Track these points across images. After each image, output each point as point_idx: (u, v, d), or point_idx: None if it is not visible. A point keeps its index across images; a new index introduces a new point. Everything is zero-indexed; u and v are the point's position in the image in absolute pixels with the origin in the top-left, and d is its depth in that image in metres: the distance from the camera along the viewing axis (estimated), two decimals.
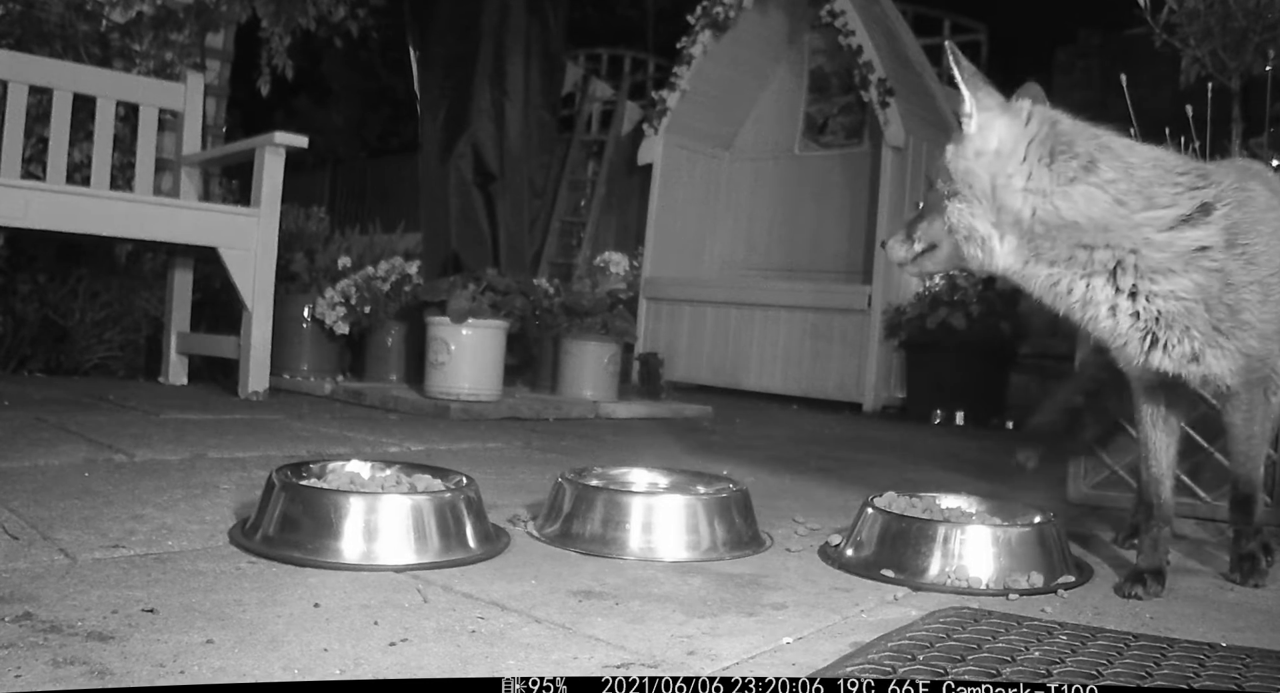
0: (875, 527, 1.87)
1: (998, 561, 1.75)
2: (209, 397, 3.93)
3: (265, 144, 3.83)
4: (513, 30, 5.23)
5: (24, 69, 3.84)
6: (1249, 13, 3.38)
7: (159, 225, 3.70)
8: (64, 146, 3.94)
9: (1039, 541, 1.80)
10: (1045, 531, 1.82)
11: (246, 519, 1.82)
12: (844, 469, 3.12)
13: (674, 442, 3.66)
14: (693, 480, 2.11)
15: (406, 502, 1.73)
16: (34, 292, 4.27)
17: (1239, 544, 1.84)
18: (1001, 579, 1.73)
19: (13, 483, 2.08)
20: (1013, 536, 1.78)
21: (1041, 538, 1.80)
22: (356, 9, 5.38)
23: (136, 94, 4.19)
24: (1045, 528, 1.83)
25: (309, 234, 4.90)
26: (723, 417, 4.63)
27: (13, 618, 1.29)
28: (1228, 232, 1.57)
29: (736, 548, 1.90)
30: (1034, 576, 1.75)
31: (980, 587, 1.72)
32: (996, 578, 1.74)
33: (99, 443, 2.62)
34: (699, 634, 1.42)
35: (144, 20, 4.69)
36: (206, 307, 4.49)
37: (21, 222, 3.39)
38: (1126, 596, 1.70)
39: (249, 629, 1.32)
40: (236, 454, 2.64)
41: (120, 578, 1.51)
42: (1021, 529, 1.80)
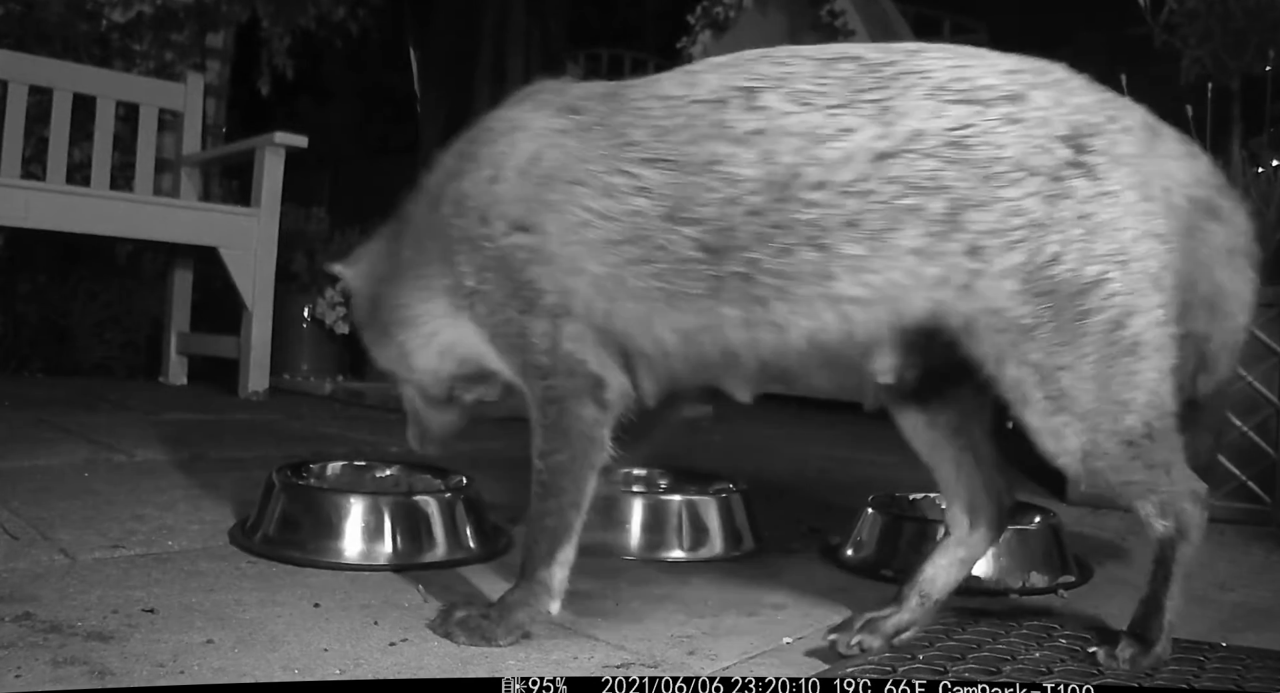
0: (875, 527, 1.88)
1: (998, 560, 1.75)
2: (209, 397, 3.92)
3: (265, 144, 3.82)
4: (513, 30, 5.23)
5: (24, 69, 3.83)
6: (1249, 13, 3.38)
7: (159, 225, 3.70)
8: (64, 146, 3.94)
9: (1039, 540, 1.80)
10: (1045, 530, 1.82)
11: (246, 519, 1.82)
12: (844, 469, 3.12)
13: (674, 441, 3.66)
14: (693, 480, 2.11)
15: (406, 502, 1.73)
16: (34, 292, 4.27)
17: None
18: (1002, 579, 1.73)
19: (13, 483, 2.08)
20: (1013, 536, 1.77)
21: (1042, 538, 1.80)
22: (356, 9, 5.37)
23: (136, 94, 4.19)
24: (1045, 528, 1.83)
25: (309, 234, 4.90)
26: (723, 417, 4.62)
27: (13, 618, 1.29)
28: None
29: (736, 548, 1.90)
30: (1034, 575, 1.75)
31: (980, 587, 1.72)
32: (997, 578, 1.74)
33: (99, 443, 2.62)
34: (699, 634, 1.42)
35: (144, 20, 4.68)
36: (206, 307, 4.49)
37: (21, 222, 3.39)
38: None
39: (249, 629, 1.32)
40: (236, 454, 2.63)
41: (120, 578, 1.51)
42: (1022, 529, 1.80)
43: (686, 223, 1.22)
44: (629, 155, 1.25)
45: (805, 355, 1.26)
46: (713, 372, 1.33)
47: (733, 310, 1.23)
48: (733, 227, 1.20)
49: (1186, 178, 1.29)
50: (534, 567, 1.36)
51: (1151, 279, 1.21)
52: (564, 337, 1.30)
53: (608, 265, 1.26)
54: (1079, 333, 1.19)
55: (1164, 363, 1.23)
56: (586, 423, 1.32)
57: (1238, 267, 1.36)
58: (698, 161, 1.22)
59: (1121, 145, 1.23)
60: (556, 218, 1.28)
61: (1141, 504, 1.27)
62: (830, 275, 1.20)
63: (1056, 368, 1.20)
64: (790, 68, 1.23)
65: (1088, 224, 1.19)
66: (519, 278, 1.30)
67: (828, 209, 1.19)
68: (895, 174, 1.18)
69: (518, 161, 1.31)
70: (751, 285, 1.22)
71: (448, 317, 1.41)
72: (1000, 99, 1.20)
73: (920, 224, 1.18)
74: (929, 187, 1.18)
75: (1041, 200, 1.18)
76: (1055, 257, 1.18)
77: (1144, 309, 1.21)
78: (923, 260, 1.19)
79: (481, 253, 1.33)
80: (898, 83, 1.21)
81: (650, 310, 1.26)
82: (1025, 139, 1.19)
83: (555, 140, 1.31)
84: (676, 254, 1.23)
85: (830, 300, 1.21)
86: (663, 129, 1.25)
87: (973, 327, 1.21)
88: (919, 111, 1.19)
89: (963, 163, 1.18)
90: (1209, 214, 1.32)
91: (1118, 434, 1.22)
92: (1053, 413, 1.22)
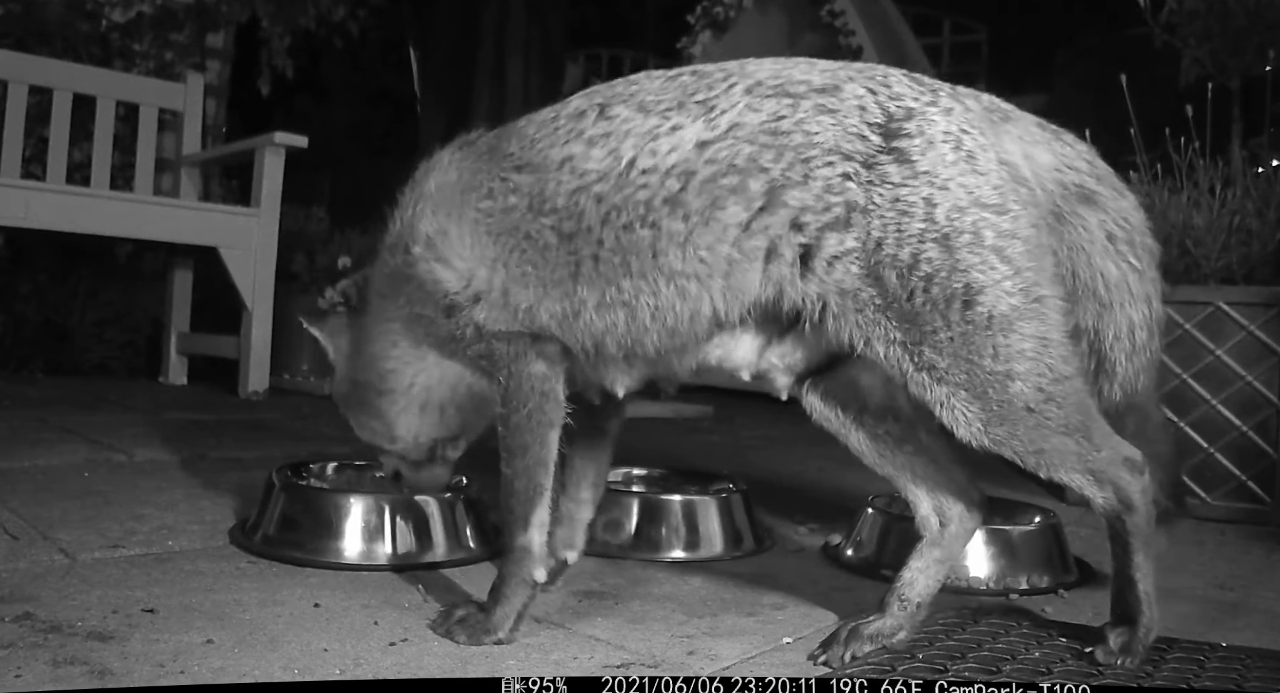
0: (875, 527, 1.88)
1: (998, 561, 1.75)
2: (209, 397, 3.92)
3: (265, 144, 3.83)
4: (513, 30, 5.23)
5: (24, 69, 3.84)
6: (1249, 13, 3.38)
7: (159, 225, 3.70)
8: (64, 146, 3.94)
9: (1039, 540, 1.80)
10: (1045, 531, 1.82)
11: (246, 519, 1.82)
12: (844, 469, 3.12)
13: (674, 441, 3.66)
14: (693, 480, 2.11)
15: (406, 502, 1.73)
16: (34, 292, 4.27)
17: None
18: (1001, 579, 1.73)
19: (13, 483, 2.08)
20: (1013, 536, 1.78)
21: (1042, 538, 1.80)
22: (356, 9, 5.37)
23: (136, 94, 4.19)
24: (1045, 528, 1.83)
25: (309, 234, 4.89)
26: (723, 417, 4.62)
27: (13, 618, 1.29)
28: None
29: (736, 548, 1.90)
30: (1034, 576, 1.75)
31: (980, 587, 1.72)
32: (997, 578, 1.74)
33: (99, 443, 2.62)
34: (699, 634, 1.42)
35: (144, 20, 4.68)
36: (206, 307, 4.48)
37: (21, 222, 3.39)
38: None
39: (249, 629, 1.32)
40: (236, 454, 2.63)
41: (120, 578, 1.51)
42: (1022, 529, 1.80)
43: (546, 213, 1.36)
44: (505, 164, 1.41)
45: (660, 337, 1.34)
46: (589, 361, 1.41)
47: (590, 293, 1.34)
48: (581, 211, 1.34)
49: (1048, 161, 1.32)
50: (512, 534, 1.40)
51: (991, 250, 1.24)
52: (485, 319, 1.40)
53: (495, 254, 1.39)
54: (916, 310, 1.24)
55: (1038, 330, 1.25)
56: (537, 378, 1.40)
57: (1120, 254, 1.36)
58: (555, 161, 1.37)
59: (937, 125, 1.27)
60: (456, 220, 1.42)
61: (1071, 476, 1.28)
62: (661, 251, 1.30)
63: (915, 343, 1.25)
64: (639, 85, 1.39)
65: (900, 206, 1.24)
66: (434, 287, 1.42)
67: (656, 189, 1.30)
68: (715, 157, 1.29)
69: (428, 191, 1.47)
70: (601, 264, 1.33)
71: (416, 358, 1.51)
72: (813, 91, 1.30)
73: (741, 201, 1.27)
74: (748, 168, 1.28)
75: (860, 186, 1.25)
76: (879, 241, 1.25)
77: (990, 283, 1.23)
78: (747, 234, 1.28)
79: (409, 279, 1.45)
80: (723, 85, 1.33)
81: (532, 295, 1.37)
82: (837, 127, 1.27)
83: (456, 165, 1.47)
84: (540, 241, 1.36)
85: (665, 275, 1.31)
86: (532, 140, 1.41)
87: (831, 309, 1.28)
88: (737, 107, 1.30)
89: (778, 148, 1.27)
90: (1082, 200, 1.34)
91: (1010, 401, 1.25)
92: (933, 384, 1.26)
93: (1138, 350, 1.39)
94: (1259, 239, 2.60)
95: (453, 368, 1.49)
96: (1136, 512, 1.29)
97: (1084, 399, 1.29)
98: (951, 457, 1.46)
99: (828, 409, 1.47)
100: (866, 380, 1.44)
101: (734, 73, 1.35)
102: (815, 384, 1.46)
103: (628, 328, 1.34)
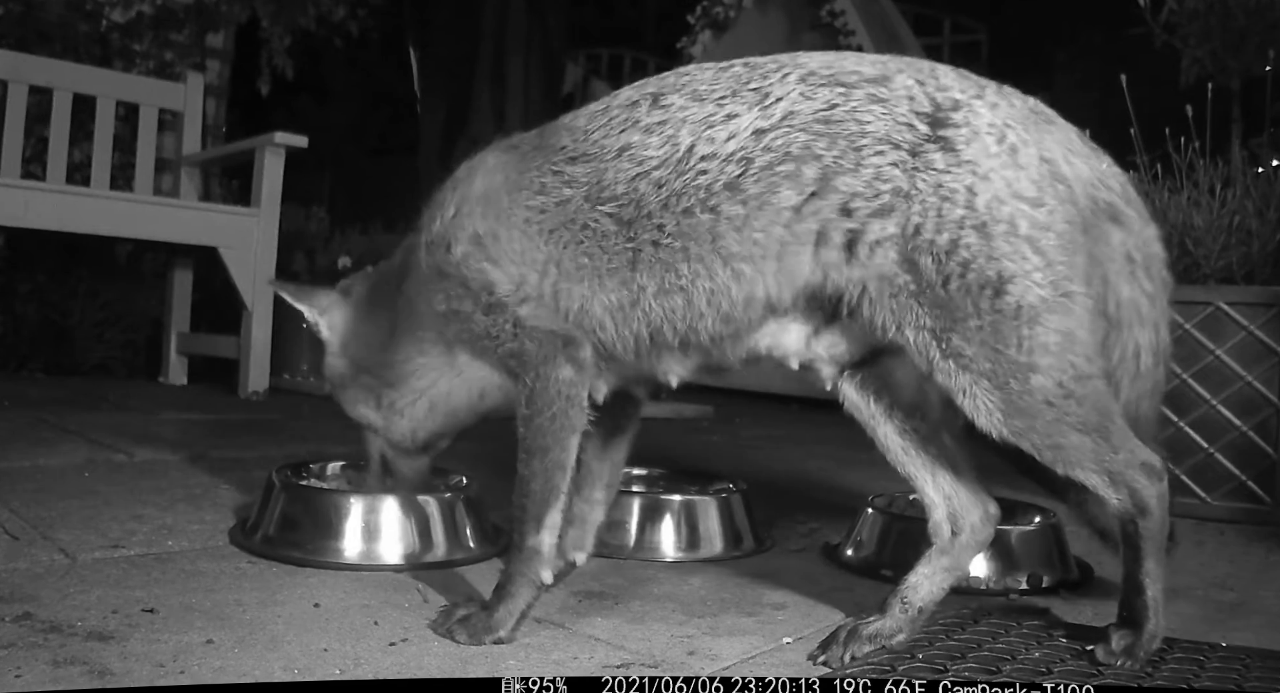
0: (875, 527, 1.88)
1: (998, 560, 1.75)
2: (209, 397, 3.93)
3: (265, 144, 3.83)
4: (513, 30, 5.23)
5: (24, 69, 3.84)
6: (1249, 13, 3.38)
7: (159, 225, 3.70)
8: (64, 146, 3.94)
9: (1039, 540, 1.80)
10: (1046, 531, 1.82)
11: (246, 519, 1.82)
12: (844, 469, 3.12)
13: (674, 441, 3.66)
14: (693, 480, 2.11)
15: (406, 502, 1.73)
16: (34, 292, 4.27)
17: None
18: (1002, 579, 1.73)
19: (13, 483, 2.08)
20: (1013, 535, 1.78)
21: (1042, 538, 1.80)
22: (356, 9, 5.37)
23: (136, 94, 4.19)
24: (1046, 528, 1.83)
25: (309, 234, 4.90)
26: (723, 417, 4.62)
27: (13, 618, 1.29)
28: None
29: (736, 548, 1.90)
30: (1034, 575, 1.74)
31: (981, 587, 1.72)
32: (997, 578, 1.74)
33: (99, 443, 2.62)
34: (699, 634, 1.42)
35: (144, 20, 4.68)
36: (206, 307, 4.49)
37: (21, 222, 3.39)
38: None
39: (249, 629, 1.32)
40: (236, 454, 2.63)
41: (120, 578, 1.51)
42: (1022, 529, 1.80)
43: (605, 201, 1.37)
44: (558, 158, 1.42)
45: (715, 322, 1.35)
46: (644, 351, 1.41)
47: (650, 279, 1.35)
48: (641, 197, 1.35)
49: (1086, 174, 1.32)
50: (523, 535, 1.40)
51: (1025, 241, 1.25)
52: (525, 316, 1.41)
53: (548, 255, 1.40)
54: (949, 296, 1.26)
55: (1064, 324, 1.26)
56: (564, 383, 1.40)
57: (1135, 277, 1.37)
58: (612, 150, 1.38)
59: (983, 116, 1.29)
60: (505, 222, 1.42)
61: (1088, 474, 1.29)
62: (720, 235, 1.32)
63: (944, 330, 1.26)
64: (691, 76, 1.41)
65: (942, 192, 1.26)
66: (477, 284, 1.42)
67: (716, 174, 1.32)
68: (771, 145, 1.31)
69: (475, 192, 1.46)
70: (660, 250, 1.34)
71: (445, 364, 1.51)
72: (865, 81, 1.32)
73: (795, 186, 1.30)
74: (803, 155, 1.30)
75: (904, 173, 1.27)
76: (918, 227, 1.26)
77: (1020, 273, 1.25)
78: (798, 217, 1.30)
79: (448, 276, 1.45)
80: (776, 75, 1.35)
81: (587, 289, 1.38)
82: (887, 116, 1.29)
83: (501, 166, 1.47)
84: (599, 230, 1.37)
85: (722, 259, 1.32)
86: (585, 132, 1.42)
87: (869, 294, 1.30)
88: (791, 95, 1.33)
89: (831, 136, 1.30)
90: (1110, 217, 1.34)
91: (1030, 393, 1.25)
92: (958, 372, 1.27)
93: (1142, 374, 1.39)
94: (1259, 239, 2.60)
95: (478, 372, 1.50)
96: (1151, 517, 1.29)
97: (1105, 400, 1.29)
98: (971, 466, 1.47)
99: (860, 398, 1.49)
100: (901, 375, 1.46)
101: (786, 63, 1.37)
102: (852, 374, 1.48)
103: (684, 313, 1.35)
